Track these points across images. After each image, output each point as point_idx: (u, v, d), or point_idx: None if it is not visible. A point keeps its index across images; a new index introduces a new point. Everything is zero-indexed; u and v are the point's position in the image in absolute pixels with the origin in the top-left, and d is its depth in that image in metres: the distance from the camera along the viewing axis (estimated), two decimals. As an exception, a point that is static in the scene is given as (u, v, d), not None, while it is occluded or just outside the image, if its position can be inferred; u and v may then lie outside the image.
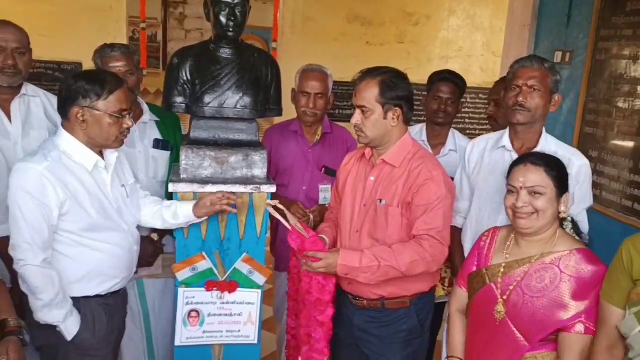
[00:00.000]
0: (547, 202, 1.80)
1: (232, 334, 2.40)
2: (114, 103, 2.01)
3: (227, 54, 2.31)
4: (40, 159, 1.97)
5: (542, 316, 1.75)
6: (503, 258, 1.90)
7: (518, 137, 2.29)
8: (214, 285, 2.33)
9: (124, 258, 2.17)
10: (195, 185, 2.24)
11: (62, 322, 2.02)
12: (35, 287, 1.96)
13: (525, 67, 2.21)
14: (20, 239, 1.95)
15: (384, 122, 2.10)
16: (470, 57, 6.26)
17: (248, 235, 2.33)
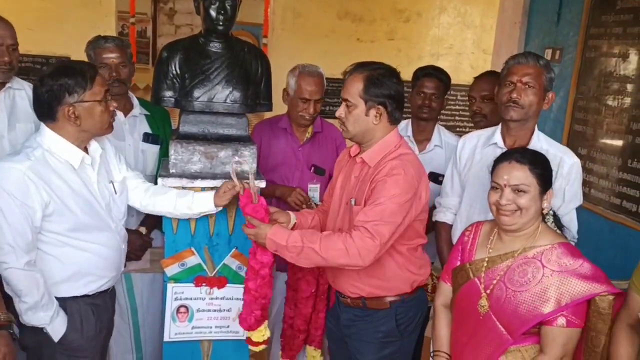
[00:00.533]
0: (531, 200, 1.80)
1: (222, 329, 2.39)
2: (99, 89, 1.97)
3: (217, 48, 2.29)
4: (22, 158, 1.91)
5: (525, 310, 1.75)
6: (486, 253, 1.90)
7: (510, 134, 2.27)
8: (203, 280, 2.32)
9: (112, 258, 2.13)
10: (184, 180, 2.22)
11: (48, 324, 1.98)
12: (19, 290, 1.91)
13: (521, 64, 2.20)
14: (2, 241, 1.88)
15: (366, 119, 2.04)
16: (461, 54, 6.28)
17: (237, 231, 2.31)
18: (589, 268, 1.74)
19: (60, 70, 1.94)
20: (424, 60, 6.20)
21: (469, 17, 6.34)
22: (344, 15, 6.46)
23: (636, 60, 2.96)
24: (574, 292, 1.71)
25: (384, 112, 2.04)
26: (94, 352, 2.16)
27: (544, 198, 1.83)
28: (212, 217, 2.27)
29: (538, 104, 2.20)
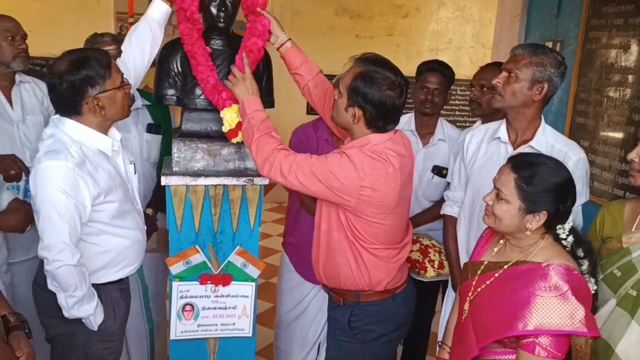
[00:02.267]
0: (506, 212, 1.68)
1: (227, 327, 2.38)
2: (116, 74, 1.98)
3: (218, 45, 2.28)
4: (67, 156, 1.89)
5: (492, 324, 1.67)
6: (489, 257, 1.84)
7: (512, 127, 2.25)
8: (208, 278, 2.32)
9: (141, 240, 2.18)
10: (187, 178, 2.22)
11: (93, 314, 2.00)
12: (70, 285, 1.91)
13: (512, 54, 2.19)
14: (56, 239, 1.87)
15: (345, 113, 1.98)
16: (460, 49, 6.29)
17: (242, 229, 2.31)
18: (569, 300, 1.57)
19: (77, 64, 1.91)
20: (423, 55, 6.21)
21: (468, 11, 6.35)
22: (342, 11, 6.46)
23: (637, 51, 2.96)
24: (545, 321, 1.57)
25: (362, 116, 1.96)
26: (122, 335, 2.22)
27: (529, 218, 1.67)
28: (217, 214, 2.27)
29: (522, 94, 2.14)
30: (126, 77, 2.11)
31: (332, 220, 2.07)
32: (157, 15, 2.19)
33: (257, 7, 2.22)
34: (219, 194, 2.25)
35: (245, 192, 2.27)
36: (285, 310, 2.94)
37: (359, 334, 2.14)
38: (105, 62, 1.94)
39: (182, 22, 2.18)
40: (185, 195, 2.23)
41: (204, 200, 2.25)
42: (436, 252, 2.71)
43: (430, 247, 2.75)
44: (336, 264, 2.11)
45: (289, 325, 2.93)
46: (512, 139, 2.25)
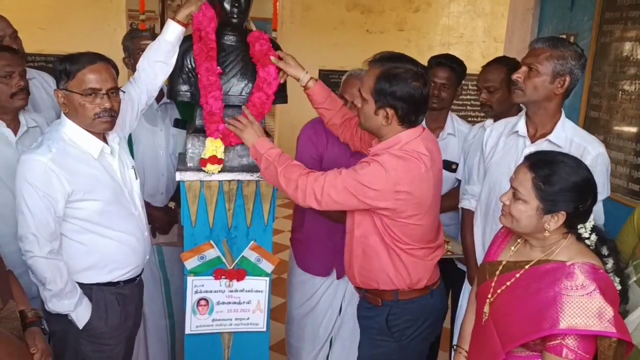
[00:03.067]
0: (524, 213, 1.63)
1: (242, 322, 2.39)
2: (83, 81, 1.96)
3: (232, 41, 2.29)
4: (44, 150, 1.95)
5: (515, 326, 1.62)
6: (507, 256, 1.77)
7: (531, 121, 2.22)
8: (223, 273, 2.33)
9: (135, 245, 2.17)
10: (201, 173, 2.22)
11: (72, 311, 2.03)
12: (43, 277, 1.97)
13: (531, 48, 2.16)
14: (26, 230, 1.95)
15: (375, 117, 1.96)
16: (472, 43, 6.26)
17: (255, 224, 2.32)
18: (597, 299, 1.52)
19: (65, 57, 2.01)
20: (434, 50, 6.18)
21: (480, 5, 6.31)
22: (353, 6, 6.45)
23: (652, 44, 2.93)
24: (572, 321, 1.52)
25: (394, 115, 1.94)
26: (118, 341, 2.20)
27: (547, 219, 1.62)
28: (231, 210, 2.28)
29: (544, 88, 2.11)
30: (138, 94, 2.21)
31: (366, 226, 2.05)
32: (171, 37, 2.20)
33: (267, 55, 2.23)
34: (233, 189, 2.26)
35: (259, 188, 2.28)
36: (295, 306, 2.95)
37: (396, 333, 2.12)
38: (77, 66, 1.96)
39: (196, 42, 2.20)
40: (199, 191, 2.24)
41: (218, 195, 2.25)
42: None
43: None
44: (373, 268, 2.09)
45: (300, 321, 2.94)
46: (531, 132, 2.22)
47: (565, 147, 2.10)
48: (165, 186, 2.84)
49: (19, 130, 2.29)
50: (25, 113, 2.36)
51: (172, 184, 2.85)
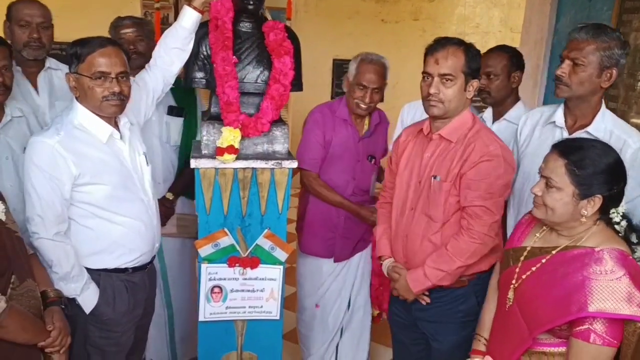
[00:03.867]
0: (560, 201, 1.62)
1: (255, 310, 2.40)
2: (92, 64, 1.97)
3: (247, 28, 2.28)
4: (52, 133, 1.97)
5: (548, 310, 1.62)
6: (532, 242, 1.78)
7: (571, 112, 2.15)
8: (237, 261, 2.33)
9: (144, 232, 2.17)
10: (216, 161, 2.22)
11: (78, 295, 2.04)
12: (49, 259, 1.98)
13: (573, 39, 2.05)
14: (33, 212, 1.97)
15: (463, 94, 2.02)
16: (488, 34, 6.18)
17: (270, 212, 2.32)
18: (626, 284, 1.52)
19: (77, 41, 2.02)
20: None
21: (496, -5, 6.22)
22: (368, -4, 6.40)
23: (674, 33, 2.88)
24: (601, 305, 1.52)
25: (477, 86, 2.05)
26: (126, 328, 2.21)
27: (584, 204, 1.62)
28: (245, 197, 2.27)
29: (590, 82, 2.03)
30: (154, 82, 2.23)
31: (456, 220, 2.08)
32: (187, 23, 2.21)
33: (283, 45, 2.22)
34: (248, 177, 2.26)
35: (274, 175, 2.27)
36: (305, 295, 2.97)
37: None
38: (87, 49, 1.97)
39: (212, 31, 2.20)
40: (214, 178, 2.24)
41: (232, 183, 2.25)
42: None
43: None
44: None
45: (309, 310, 2.96)
46: (569, 123, 2.16)
47: (604, 139, 2.02)
48: (163, 176, 2.79)
49: (2, 120, 2.23)
50: (11, 102, 2.31)
51: (169, 173, 2.83)
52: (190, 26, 2.20)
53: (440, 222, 2.08)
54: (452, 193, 2.05)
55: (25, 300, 1.79)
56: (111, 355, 2.18)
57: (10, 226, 1.82)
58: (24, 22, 2.44)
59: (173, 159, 2.84)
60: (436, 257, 2.07)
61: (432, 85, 2.01)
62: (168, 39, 2.24)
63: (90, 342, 2.12)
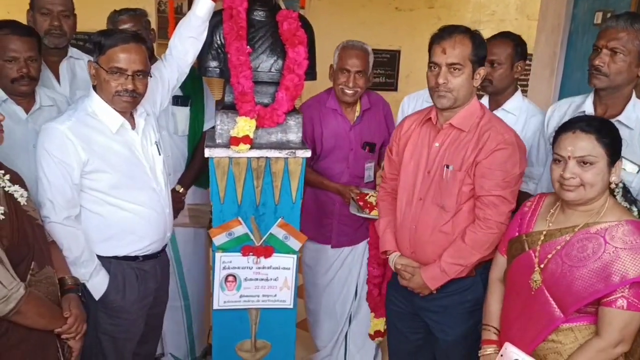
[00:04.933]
0: (598, 174, 1.69)
1: (269, 298, 2.41)
2: (111, 59, 1.99)
3: (261, 16, 2.27)
4: (64, 119, 2.00)
5: (580, 286, 1.67)
6: (546, 225, 1.82)
7: (602, 102, 2.13)
8: (250, 250, 2.34)
9: (154, 219, 2.18)
10: (230, 150, 2.22)
11: (87, 280, 2.06)
12: (61, 244, 2.01)
13: (609, 28, 2.02)
14: (44, 196, 2.00)
15: (471, 82, 2.01)
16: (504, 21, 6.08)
17: (283, 201, 2.32)
18: None
19: (101, 31, 2.06)
20: (464, 28, 6.07)
21: (512, -18, 6.13)
22: (382, -17, 6.34)
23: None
24: (636, 271, 1.61)
25: (483, 74, 2.04)
26: (137, 316, 2.23)
27: (612, 171, 1.72)
28: (259, 187, 2.28)
29: (628, 71, 2.01)
30: (169, 72, 2.25)
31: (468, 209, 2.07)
32: (201, 12, 2.20)
33: (296, 35, 2.20)
34: (262, 166, 2.26)
35: (288, 165, 2.27)
36: (310, 284, 2.99)
37: None
38: (110, 42, 1.98)
39: (227, 21, 2.19)
40: (228, 168, 2.24)
41: (246, 172, 2.26)
42: None
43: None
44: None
45: (316, 299, 2.97)
46: (599, 113, 2.12)
47: (636, 129, 2.03)
48: (172, 167, 2.77)
49: (32, 108, 2.27)
50: (42, 91, 2.34)
51: (179, 164, 2.83)
52: (204, 15, 2.20)
53: (452, 211, 2.07)
54: (466, 182, 2.03)
55: (43, 287, 1.82)
56: (121, 342, 2.21)
57: (32, 213, 1.85)
58: (45, 10, 2.48)
59: (182, 149, 2.84)
60: (454, 252, 2.05)
61: (440, 75, 1.99)
62: (182, 28, 2.24)
63: (100, 329, 2.15)
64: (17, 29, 2.18)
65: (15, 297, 1.65)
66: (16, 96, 2.23)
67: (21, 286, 1.68)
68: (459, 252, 2.04)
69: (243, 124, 2.17)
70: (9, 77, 2.17)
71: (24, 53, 2.17)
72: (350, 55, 2.66)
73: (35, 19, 2.49)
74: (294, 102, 2.26)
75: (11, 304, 1.65)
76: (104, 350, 2.17)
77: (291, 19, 2.23)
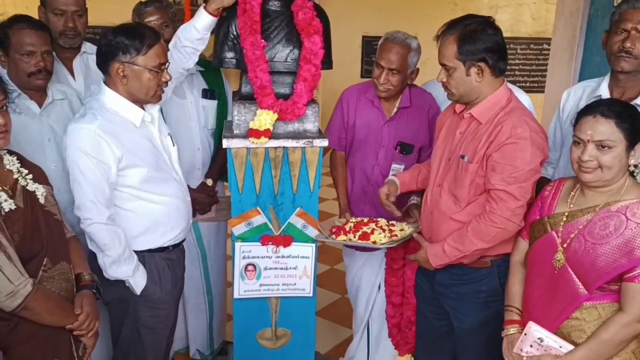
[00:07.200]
0: (616, 157, 1.72)
1: (288, 287, 2.43)
2: (153, 58, 2.02)
3: (276, 6, 2.27)
4: (90, 118, 1.99)
5: (603, 262, 1.70)
6: (567, 207, 1.85)
7: (619, 85, 2.11)
8: (270, 239, 2.36)
9: (181, 208, 2.22)
10: (248, 141, 2.24)
11: (131, 276, 2.09)
12: (103, 244, 2.02)
13: (637, 9, 2.01)
14: (84, 198, 1.99)
15: (468, 79, 1.99)
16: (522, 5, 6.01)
17: (301, 190, 2.33)
18: None
19: (123, 29, 2.03)
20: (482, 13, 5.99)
21: (530, -35, 6.04)
22: (397, -30, 6.29)
23: None
24: None
25: (485, 67, 1.98)
26: (171, 305, 2.28)
27: (630, 154, 1.74)
28: (277, 176, 2.29)
29: None
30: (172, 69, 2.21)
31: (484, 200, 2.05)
32: (200, 25, 2.24)
33: (311, 24, 2.20)
34: (279, 156, 2.27)
35: (305, 154, 2.28)
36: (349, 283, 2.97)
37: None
38: (148, 41, 2.00)
39: (240, 15, 2.20)
40: (246, 158, 2.26)
41: (264, 162, 2.27)
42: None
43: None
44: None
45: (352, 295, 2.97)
46: (616, 96, 2.10)
47: None
48: (202, 160, 2.80)
49: (44, 102, 2.29)
50: (54, 85, 2.37)
51: (208, 157, 2.84)
52: (203, 29, 2.24)
53: (464, 202, 2.07)
54: (479, 174, 2.02)
55: (56, 283, 1.83)
56: (160, 332, 2.26)
57: (50, 209, 1.87)
58: (58, 11, 2.48)
59: (211, 142, 2.86)
60: (457, 236, 2.06)
61: (440, 73, 2.05)
62: (181, 38, 2.28)
63: (142, 322, 2.18)
64: (33, 24, 2.21)
65: (22, 293, 1.67)
66: (31, 90, 2.25)
67: (29, 282, 1.69)
68: (461, 238, 2.05)
69: (265, 118, 2.18)
70: (26, 71, 2.19)
71: (40, 47, 2.19)
72: (387, 49, 2.51)
73: (48, 18, 2.49)
74: (313, 93, 2.26)
75: (18, 299, 1.66)
76: (143, 342, 2.21)
77: (306, 8, 2.23)
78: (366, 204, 2.72)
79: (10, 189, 1.74)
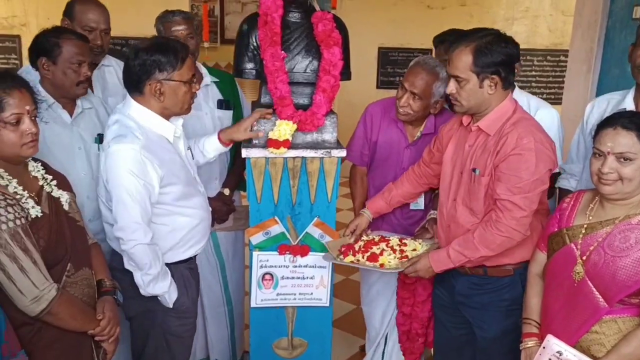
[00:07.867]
0: (637, 169, 1.71)
1: (305, 296, 2.44)
2: (187, 71, 2.03)
3: (296, 18, 2.30)
4: (133, 139, 1.95)
5: (624, 275, 1.68)
6: (586, 219, 1.84)
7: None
8: (287, 249, 2.37)
9: (206, 220, 2.24)
10: (266, 150, 2.26)
11: (167, 291, 2.08)
12: (144, 264, 2.00)
13: None
14: (129, 220, 1.96)
15: (481, 91, 1.99)
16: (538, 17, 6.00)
17: (319, 200, 2.35)
18: None
19: (155, 46, 2.00)
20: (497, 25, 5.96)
21: (547, -23, 6.04)
22: (414, -18, 6.31)
23: None
24: None
25: (499, 80, 1.98)
26: (196, 312, 2.30)
27: None
28: (295, 186, 2.31)
29: None
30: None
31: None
32: (209, 154, 2.36)
33: (331, 36, 2.23)
34: (297, 166, 2.29)
35: (323, 164, 2.30)
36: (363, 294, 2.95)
37: None
38: (181, 56, 2.01)
39: (261, 27, 2.23)
40: (264, 168, 2.28)
41: (282, 172, 2.29)
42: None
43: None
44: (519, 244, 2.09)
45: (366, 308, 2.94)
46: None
47: None
48: (219, 171, 2.80)
49: (74, 112, 2.30)
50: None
51: (225, 167, 2.84)
52: (210, 154, 2.36)
53: (481, 214, 2.08)
54: (492, 186, 2.03)
55: (79, 288, 1.85)
56: (187, 340, 2.28)
57: (74, 215, 1.89)
58: (88, 28, 2.50)
59: (227, 152, 2.76)
60: (462, 242, 2.07)
61: (449, 84, 2.04)
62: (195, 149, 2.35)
63: (170, 332, 2.18)
64: (79, 35, 2.26)
65: (46, 297, 1.69)
66: (65, 100, 2.28)
67: (53, 287, 1.71)
68: (466, 243, 2.05)
69: (285, 128, 2.20)
70: (74, 80, 2.21)
71: (87, 57, 2.24)
72: (414, 73, 2.42)
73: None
74: (332, 104, 2.27)
75: (42, 304, 1.68)
76: (172, 350, 2.22)
77: (326, 20, 2.25)
78: (383, 223, 2.68)
79: (36, 195, 1.77)
